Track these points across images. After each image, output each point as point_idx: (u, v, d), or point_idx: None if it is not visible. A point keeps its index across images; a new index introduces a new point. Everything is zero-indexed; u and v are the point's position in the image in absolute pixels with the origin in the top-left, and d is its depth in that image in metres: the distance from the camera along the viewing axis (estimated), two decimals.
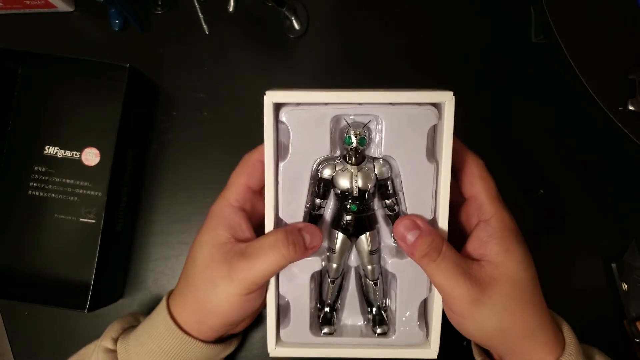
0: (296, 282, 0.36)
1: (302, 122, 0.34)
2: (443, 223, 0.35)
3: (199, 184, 0.52)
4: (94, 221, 0.51)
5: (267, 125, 0.34)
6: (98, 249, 0.45)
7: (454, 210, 0.37)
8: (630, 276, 0.49)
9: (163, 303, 0.39)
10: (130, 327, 0.42)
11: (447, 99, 0.33)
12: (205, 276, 0.36)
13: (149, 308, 0.52)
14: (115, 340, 0.40)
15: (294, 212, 0.36)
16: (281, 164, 0.35)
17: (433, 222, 0.36)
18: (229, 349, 0.41)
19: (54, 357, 0.51)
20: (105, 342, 0.39)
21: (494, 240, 0.35)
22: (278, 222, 0.36)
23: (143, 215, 0.52)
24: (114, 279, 0.50)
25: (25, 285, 0.50)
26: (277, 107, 0.35)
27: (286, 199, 0.36)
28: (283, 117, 0.34)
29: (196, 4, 0.48)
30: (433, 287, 0.36)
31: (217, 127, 0.53)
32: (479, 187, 0.36)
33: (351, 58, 0.54)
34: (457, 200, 0.39)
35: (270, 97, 0.33)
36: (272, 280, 0.36)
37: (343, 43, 0.54)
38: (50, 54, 0.48)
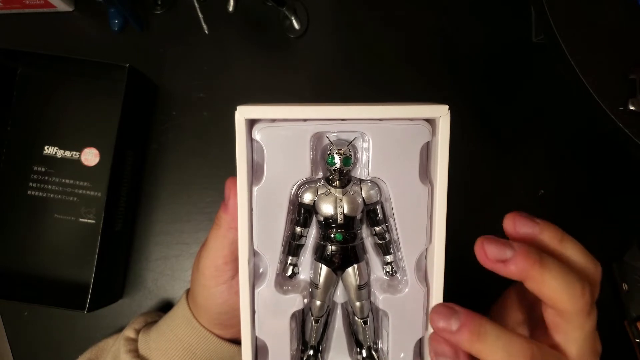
0: (275, 323, 0.32)
1: (278, 141, 0.31)
2: (439, 253, 0.31)
3: (199, 184, 0.52)
4: (93, 221, 0.51)
5: (239, 144, 0.30)
6: (98, 249, 0.45)
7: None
8: (630, 276, 0.49)
9: (183, 297, 0.41)
10: (153, 321, 0.44)
11: (441, 113, 0.30)
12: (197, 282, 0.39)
13: (148, 308, 0.52)
14: (138, 331, 0.42)
15: (271, 242, 0.32)
16: (255, 188, 0.31)
17: (428, 251, 0.32)
18: None
19: (53, 358, 0.51)
20: (128, 331, 0.42)
21: None
22: (253, 254, 0.32)
23: (143, 215, 0.52)
24: (113, 279, 0.50)
25: (25, 285, 0.50)
26: (251, 123, 0.31)
27: (261, 227, 0.32)
28: (256, 135, 0.31)
29: (196, 4, 0.48)
30: (429, 325, 0.31)
31: (217, 127, 0.53)
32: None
33: (351, 58, 0.54)
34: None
35: (243, 113, 0.30)
36: (248, 321, 0.32)
37: (343, 43, 0.54)
38: (50, 54, 0.48)
